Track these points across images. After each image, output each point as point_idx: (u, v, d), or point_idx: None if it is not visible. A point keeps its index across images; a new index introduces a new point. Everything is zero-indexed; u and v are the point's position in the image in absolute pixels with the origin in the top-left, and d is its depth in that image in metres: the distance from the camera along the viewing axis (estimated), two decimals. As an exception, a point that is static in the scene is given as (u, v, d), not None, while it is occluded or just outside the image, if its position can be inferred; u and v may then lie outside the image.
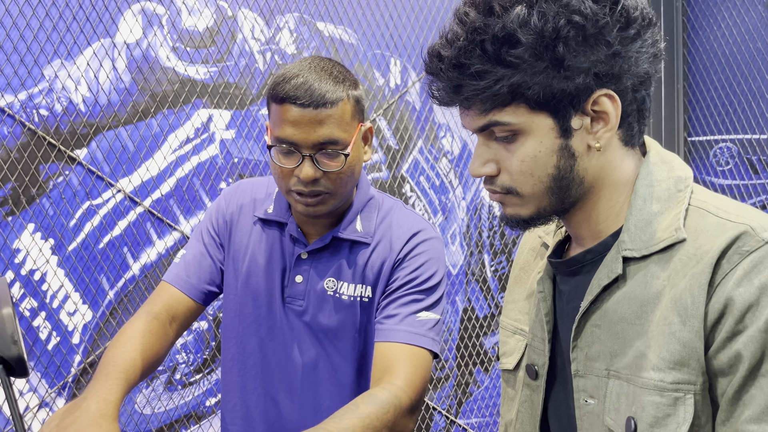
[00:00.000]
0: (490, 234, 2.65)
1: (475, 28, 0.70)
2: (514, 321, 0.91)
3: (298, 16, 2.24)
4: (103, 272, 1.96)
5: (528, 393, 0.84)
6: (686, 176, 0.75)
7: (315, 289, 1.17)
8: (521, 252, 0.96)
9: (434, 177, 2.53)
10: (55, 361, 1.90)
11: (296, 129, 1.05)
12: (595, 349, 0.75)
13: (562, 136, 0.72)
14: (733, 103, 2.65)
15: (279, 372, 1.20)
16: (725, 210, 0.71)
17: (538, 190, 0.74)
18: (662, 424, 0.68)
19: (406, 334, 1.10)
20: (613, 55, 0.70)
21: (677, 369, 0.68)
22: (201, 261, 1.23)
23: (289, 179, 1.09)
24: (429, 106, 2.52)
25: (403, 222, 1.19)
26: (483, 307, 2.66)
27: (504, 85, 0.70)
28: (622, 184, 0.76)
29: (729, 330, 0.65)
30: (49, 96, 1.88)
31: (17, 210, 1.84)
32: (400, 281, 1.15)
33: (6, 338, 0.89)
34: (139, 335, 1.11)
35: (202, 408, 2.12)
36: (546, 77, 0.69)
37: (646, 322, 0.71)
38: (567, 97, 0.70)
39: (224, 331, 1.26)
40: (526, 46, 0.68)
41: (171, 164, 2.05)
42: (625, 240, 0.74)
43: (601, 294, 0.75)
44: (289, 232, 1.19)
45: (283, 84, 1.06)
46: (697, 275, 0.67)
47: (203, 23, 2.08)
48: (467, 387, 2.64)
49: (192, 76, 2.07)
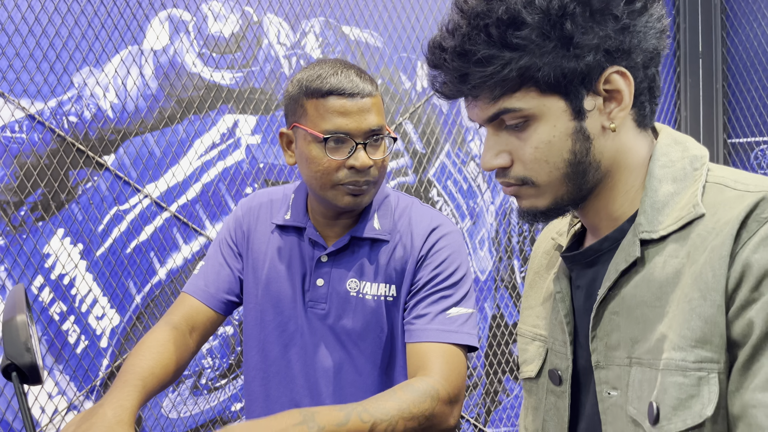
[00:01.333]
0: (520, 239, 2.60)
1: (477, 14, 0.68)
2: (532, 327, 0.87)
3: (324, 20, 2.24)
4: (131, 277, 1.98)
5: (553, 400, 0.80)
6: (702, 155, 0.72)
7: (337, 292, 1.17)
8: (535, 256, 0.93)
9: (462, 181, 2.49)
10: (83, 365, 1.92)
11: (347, 118, 1.07)
12: (615, 337, 0.72)
13: (576, 118, 0.69)
14: (775, 103, 2.55)
15: (303, 378, 1.19)
16: (743, 182, 0.67)
17: (555, 177, 0.71)
18: (686, 407, 0.64)
19: (438, 333, 1.10)
20: (622, 29, 0.68)
21: (700, 347, 0.64)
22: (219, 271, 1.24)
23: (338, 173, 1.09)
24: (456, 109, 2.49)
25: (422, 218, 1.18)
26: (512, 314, 2.60)
27: (512, 69, 0.67)
28: (636, 167, 0.73)
29: (744, 298, 0.62)
30: (78, 103, 1.90)
31: (47, 215, 1.87)
32: (425, 279, 1.14)
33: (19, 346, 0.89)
34: (159, 345, 1.12)
35: (228, 413, 2.13)
36: (555, 57, 0.67)
37: (666, 303, 0.67)
38: (578, 77, 0.68)
39: (246, 341, 1.26)
40: (532, 26, 0.66)
41: (197, 170, 2.06)
42: (642, 222, 0.70)
43: (619, 280, 0.72)
44: (308, 236, 1.19)
45: (324, 79, 1.08)
46: (717, 247, 0.64)
47: (229, 29, 2.09)
48: (496, 395, 2.58)
49: (218, 82, 2.08)
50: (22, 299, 0.96)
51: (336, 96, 1.07)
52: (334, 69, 1.10)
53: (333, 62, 1.12)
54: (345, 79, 1.08)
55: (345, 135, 1.08)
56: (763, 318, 0.61)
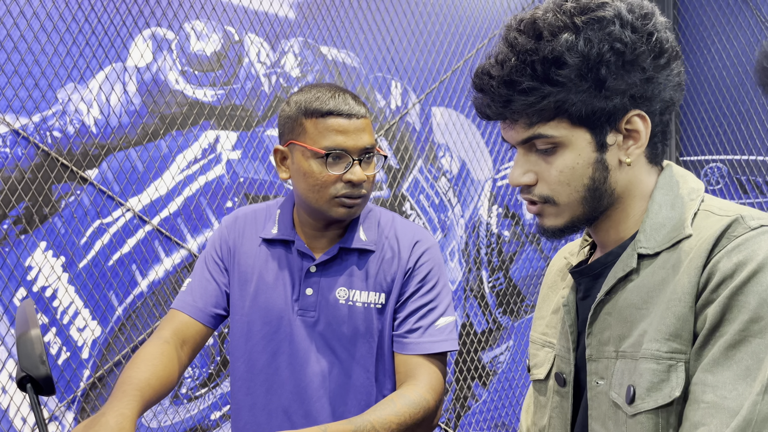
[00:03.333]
0: (488, 251, 2.71)
1: (526, 50, 0.78)
2: (542, 335, 0.99)
3: (303, 40, 2.32)
4: (113, 289, 2.01)
5: (558, 399, 0.91)
6: (698, 188, 0.84)
7: (326, 299, 1.24)
8: (549, 273, 1.05)
9: (434, 195, 2.60)
10: (65, 376, 1.95)
11: (346, 137, 1.18)
12: (606, 334, 0.83)
13: (598, 150, 0.80)
14: (723, 125, 2.73)
15: (291, 384, 1.25)
16: (725, 209, 0.80)
17: (574, 199, 0.82)
18: (657, 389, 0.75)
19: (429, 345, 1.22)
20: (648, 79, 0.79)
21: (672, 340, 0.75)
22: (206, 286, 1.29)
23: (335, 186, 1.19)
24: (428, 127, 2.59)
25: (406, 231, 1.29)
26: (481, 323, 2.71)
27: (551, 101, 0.78)
28: (644, 196, 0.85)
29: (705, 298, 0.74)
30: (62, 118, 1.94)
31: (30, 228, 1.90)
32: (410, 291, 1.25)
33: (35, 358, 0.94)
34: (153, 358, 1.16)
35: (207, 422, 2.17)
36: (588, 96, 0.78)
37: (651, 306, 0.79)
38: (605, 115, 0.79)
39: (232, 352, 1.31)
40: (572, 67, 0.77)
41: (179, 184, 2.11)
42: (641, 239, 0.82)
43: (615, 286, 0.83)
44: (297, 248, 1.25)
45: (323, 101, 1.19)
46: (694, 259, 0.76)
47: (211, 47, 2.15)
48: (465, 401, 2.69)
49: (200, 99, 2.14)
50: (33, 313, 1.01)
51: (335, 116, 1.18)
52: (332, 92, 1.20)
53: (329, 86, 1.22)
54: (342, 102, 1.18)
55: (343, 151, 1.18)
56: (715, 313, 0.73)
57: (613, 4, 0.78)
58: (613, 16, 0.78)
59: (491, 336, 2.74)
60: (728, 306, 0.72)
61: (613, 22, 0.77)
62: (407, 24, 2.52)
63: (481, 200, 2.71)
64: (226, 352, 2.19)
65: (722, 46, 2.72)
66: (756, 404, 0.69)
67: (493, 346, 2.75)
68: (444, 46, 2.60)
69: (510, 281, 2.77)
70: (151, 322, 2.08)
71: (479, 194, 2.70)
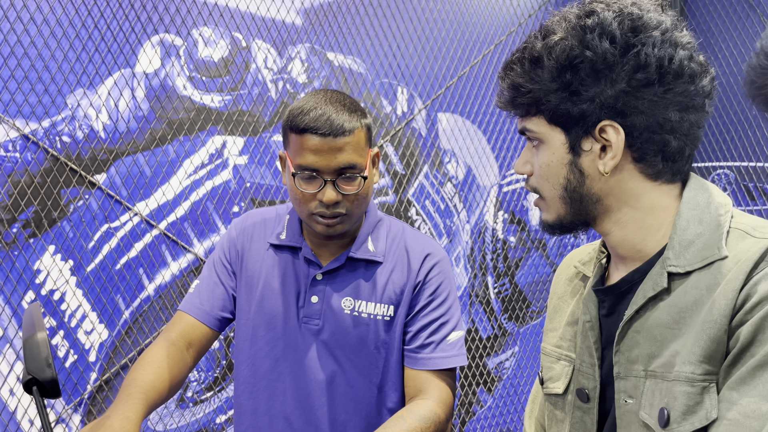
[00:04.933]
0: (494, 257, 2.71)
1: (520, 48, 0.85)
2: (556, 348, 0.97)
3: (309, 46, 2.33)
4: (120, 293, 2.03)
5: (580, 415, 0.90)
6: (725, 203, 0.83)
7: (331, 308, 1.23)
8: (558, 282, 1.04)
9: (439, 201, 2.60)
10: (72, 379, 1.96)
11: (318, 156, 1.14)
12: (635, 352, 0.82)
13: (571, 152, 0.83)
14: (730, 131, 2.72)
15: (293, 390, 1.24)
16: (761, 230, 0.79)
17: (555, 195, 0.85)
18: (693, 412, 0.75)
19: (440, 360, 1.22)
20: (623, 92, 0.79)
21: (706, 362, 0.75)
22: (214, 289, 1.29)
23: (311, 203, 1.17)
24: (434, 133, 2.60)
25: (416, 243, 1.28)
26: (486, 328, 2.71)
27: (529, 97, 0.83)
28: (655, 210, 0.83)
29: (740, 318, 0.74)
30: (71, 123, 1.96)
31: (39, 232, 1.92)
32: (421, 304, 1.24)
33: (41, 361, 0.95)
34: (159, 360, 1.17)
35: (213, 425, 2.18)
36: (557, 97, 0.81)
37: (683, 326, 0.78)
38: (573, 119, 0.81)
39: (236, 356, 1.31)
40: (547, 68, 0.81)
41: (186, 189, 2.12)
42: (670, 257, 0.81)
43: (645, 304, 0.82)
44: (304, 255, 1.25)
45: (302, 116, 1.14)
46: (731, 281, 0.75)
47: (218, 54, 2.17)
48: (470, 407, 2.68)
49: (207, 104, 2.16)
50: (40, 317, 1.02)
51: (310, 133, 1.13)
52: (317, 104, 1.15)
53: (321, 97, 1.17)
54: (322, 118, 1.13)
55: (313, 172, 1.14)
56: (747, 333, 0.72)
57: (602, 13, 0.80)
58: (595, 25, 0.79)
59: (496, 342, 2.74)
60: (761, 327, 0.71)
61: (592, 30, 0.79)
62: (413, 30, 2.54)
63: (487, 206, 2.71)
64: (232, 356, 2.20)
65: (729, 52, 2.72)
66: None
67: (499, 352, 2.75)
68: (450, 53, 2.61)
69: (516, 287, 2.76)
70: (158, 326, 2.09)
71: (485, 200, 2.71)
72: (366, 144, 1.19)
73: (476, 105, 2.66)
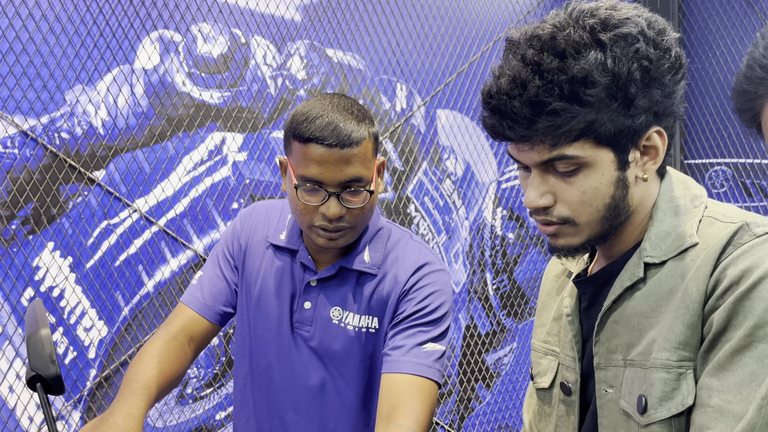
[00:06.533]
0: (492, 253, 2.72)
1: (550, 69, 0.75)
2: (543, 343, 0.99)
3: (309, 42, 2.33)
4: (119, 289, 2.03)
5: (564, 408, 0.92)
6: (701, 194, 0.85)
7: (322, 317, 1.21)
8: (546, 280, 1.04)
9: (438, 198, 2.61)
10: (71, 376, 1.96)
11: (323, 168, 1.08)
12: (614, 342, 0.83)
13: (620, 169, 0.80)
14: (728, 128, 2.73)
15: (286, 392, 1.24)
16: (729, 215, 0.80)
17: (594, 219, 0.81)
18: (669, 398, 0.76)
19: (412, 365, 1.13)
20: (668, 94, 0.80)
21: (681, 348, 0.76)
22: (216, 283, 1.27)
23: (313, 215, 1.12)
24: (433, 129, 2.60)
25: (410, 254, 1.21)
26: (485, 324, 2.72)
27: (580, 122, 0.76)
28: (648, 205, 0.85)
29: (712, 304, 0.75)
30: (70, 120, 1.95)
31: (38, 229, 1.91)
32: (407, 312, 1.18)
33: (45, 358, 0.96)
34: (159, 354, 1.16)
35: (212, 421, 2.18)
36: (617, 115, 0.77)
37: (660, 314, 0.79)
38: (630, 133, 0.78)
39: (237, 350, 1.31)
40: (602, 86, 0.75)
41: (185, 185, 2.12)
42: (647, 248, 0.82)
43: (622, 294, 0.83)
44: (300, 259, 1.23)
45: (308, 124, 1.07)
46: (701, 267, 0.76)
47: (218, 50, 2.17)
48: (469, 402, 2.69)
49: (206, 101, 2.15)
50: (43, 313, 1.02)
51: (316, 144, 1.06)
52: (323, 111, 1.08)
53: (327, 103, 1.11)
54: (329, 128, 1.06)
55: (317, 184, 1.09)
56: (720, 318, 0.73)
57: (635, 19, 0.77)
58: (638, 33, 0.76)
59: (495, 338, 2.75)
60: (734, 311, 0.72)
61: (637, 39, 0.76)
62: (412, 27, 2.53)
63: (486, 202, 2.71)
64: (231, 353, 2.20)
65: (727, 49, 2.73)
66: (761, 408, 0.69)
67: (497, 348, 2.76)
68: (449, 49, 2.61)
69: (514, 283, 2.77)
70: (157, 323, 2.09)
71: (484, 196, 2.71)
72: (373, 155, 1.14)
73: (475, 102, 2.66)
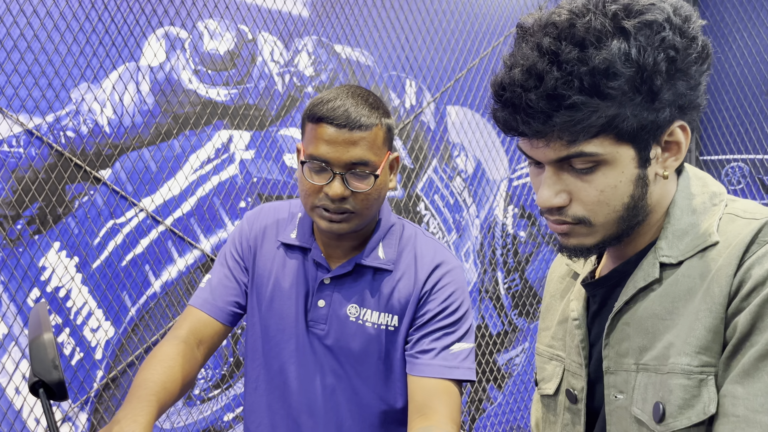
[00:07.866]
0: (504, 252, 2.68)
1: (569, 60, 0.69)
2: (548, 347, 0.94)
3: (316, 38, 2.30)
4: (126, 289, 2.00)
5: (569, 416, 0.87)
6: (720, 191, 0.80)
7: (337, 314, 1.20)
8: (551, 281, 1.00)
9: (448, 195, 2.57)
10: (78, 377, 1.94)
11: (330, 147, 1.10)
12: (624, 345, 0.79)
13: (641, 166, 0.74)
14: (744, 124, 2.68)
15: (300, 394, 1.22)
16: (751, 212, 0.75)
17: (611, 219, 0.76)
18: (690, 405, 0.71)
19: (441, 369, 1.14)
20: (693, 87, 0.73)
21: (703, 353, 0.71)
22: (226, 284, 1.26)
23: (317, 195, 1.12)
24: (443, 126, 2.56)
25: (426, 251, 1.22)
26: (496, 324, 2.68)
27: (601, 117, 0.70)
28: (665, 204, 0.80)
29: (736, 306, 0.70)
30: (75, 118, 1.93)
31: (44, 229, 1.89)
32: (430, 314, 1.18)
33: (47, 363, 0.93)
34: (169, 359, 1.14)
35: (220, 423, 2.16)
36: (640, 109, 0.71)
37: (677, 317, 0.74)
38: (653, 129, 0.72)
39: (249, 352, 1.29)
40: (626, 78, 0.69)
41: (192, 184, 2.10)
42: (663, 247, 0.77)
43: (635, 296, 0.79)
44: (313, 257, 1.22)
45: (321, 105, 1.11)
46: (724, 267, 0.72)
47: (224, 47, 2.14)
48: (480, 403, 2.66)
49: (213, 98, 2.12)
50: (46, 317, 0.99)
51: (326, 123, 1.10)
52: (337, 96, 1.12)
53: (344, 90, 1.15)
54: (340, 109, 1.09)
55: (323, 162, 1.10)
56: (745, 322, 0.68)
57: (660, 5, 0.71)
58: (664, 20, 0.70)
59: (506, 338, 2.71)
60: (760, 314, 0.68)
61: (663, 27, 0.70)
62: (422, 22, 2.50)
63: (497, 200, 2.67)
64: (239, 354, 2.17)
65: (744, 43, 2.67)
66: None
67: (509, 348, 2.72)
68: (459, 44, 2.57)
69: (526, 282, 2.73)
70: (164, 323, 2.07)
71: (495, 194, 2.67)
72: (384, 144, 1.14)
73: (486, 98, 2.62)
